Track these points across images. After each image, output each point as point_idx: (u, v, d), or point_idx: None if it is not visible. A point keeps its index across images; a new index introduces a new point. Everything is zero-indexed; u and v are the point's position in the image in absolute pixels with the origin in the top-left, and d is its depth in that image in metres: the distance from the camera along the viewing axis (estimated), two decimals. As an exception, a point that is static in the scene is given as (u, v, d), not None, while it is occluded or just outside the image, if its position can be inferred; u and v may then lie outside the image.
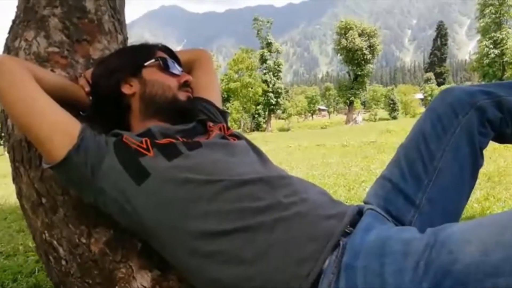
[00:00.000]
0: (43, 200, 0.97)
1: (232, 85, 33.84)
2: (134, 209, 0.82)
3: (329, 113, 73.76)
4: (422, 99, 53.93)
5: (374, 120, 41.83)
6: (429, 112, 0.95)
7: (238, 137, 1.00)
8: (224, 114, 1.19)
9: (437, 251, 0.60)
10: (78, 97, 1.02)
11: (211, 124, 1.02)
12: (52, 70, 1.16)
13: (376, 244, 0.68)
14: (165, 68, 1.02)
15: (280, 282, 0.70)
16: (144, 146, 0.85)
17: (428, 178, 0.88)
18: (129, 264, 0.89)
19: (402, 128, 15.21)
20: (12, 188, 1.14)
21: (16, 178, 1.04)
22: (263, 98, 38.58)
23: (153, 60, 1.02)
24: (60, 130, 0.85)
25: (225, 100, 33.25)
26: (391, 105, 44.56)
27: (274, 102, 40.36)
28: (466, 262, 0.57)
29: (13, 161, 1.04)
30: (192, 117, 1.04)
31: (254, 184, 0.80)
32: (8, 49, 1.25)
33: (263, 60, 40.41)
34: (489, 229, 0.59)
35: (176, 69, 1.05)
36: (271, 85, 39.91)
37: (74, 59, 1.23)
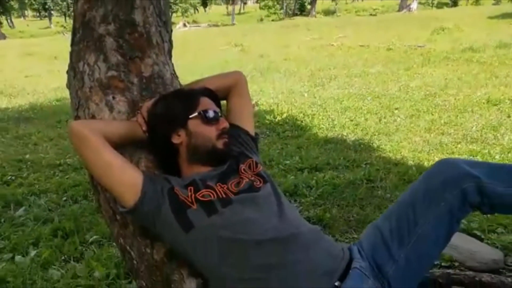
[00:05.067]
0: (117, 217, 1.30)
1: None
2: (184, 250, 1.14)
3: (382, -6, 67.41)
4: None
5: (431, 6, 38.20)
6: (425, 180, 1.15)
7: (263, 178, 1.25)
8: (255, 140, 1.42)
9: None
10: (137, 134, 1.27)
11: (242, 166, 1.26)
12: (113, 97, 1.40)
13: None
14: (206, 121, 1.24)
15: None
16: (190, 200, 1.14)
17: (409, 240, 1.12)
18: (181, 272, 1.25)
19: (457, 26, 14.06)
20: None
21: (95, 193, 1.37)
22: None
23: (196, 114, 1.23)
24: (127, 185, 1.14)
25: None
26: (452, -12, 40.00)
27: (321, -18, 37.15)
28: None
29: (91, 178, 1.36)
30: (229, 156, 1.29)
31: (270, 243, 1.08)
32: (74, 70, 1.46)
33: None
34: None
35: (215, 114, 1.26)
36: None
37: (130, 81, 1.44)
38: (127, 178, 1.16)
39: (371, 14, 31.82)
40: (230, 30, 22.13)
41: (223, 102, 1.48)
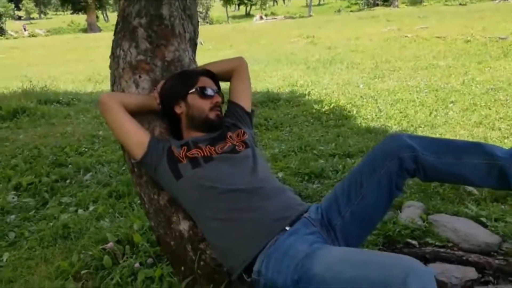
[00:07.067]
0: (135, 170, 1.65)
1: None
2: (177, 196, 1.45)
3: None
4: None
5: (533, -6, 34.25)
6: (373, 150, 1.33)
7: (246, 144, 1.50)
8: (249, 115, 1.67)
9: (309, 262, 1.11)
10: (153, 106, 1.60)
11: (230, 134, 1.53)
12: (139, 76, 1.73)
13: (286, 246, 1.20)
14: (202, 96, 1.52)
15: (237, 252, 1.29)
16: (181, 156, 1.43)
17: (355, 199, 1.30)
18: (178, 215, 1.56)
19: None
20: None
21: (123, 152, 1.73)
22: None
23: (194, 90, 1.53)
24: (138, 144, 1.48)
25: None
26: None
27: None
28: (316, 271, 1.07)
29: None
30: (221, 126, 1.56)
31: (239, 192, 1.34)
32: (113, 55, 1.82)
33: None
34: (340, 265, 1.06)
35: (211, 90, 1.54)
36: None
37: (154, 64, 1.76)
38: (137, 138, 1.49)
39: (460, 4, 29.57)
40: (304, 22, 22.16)
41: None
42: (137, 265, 1.98)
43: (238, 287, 1.38)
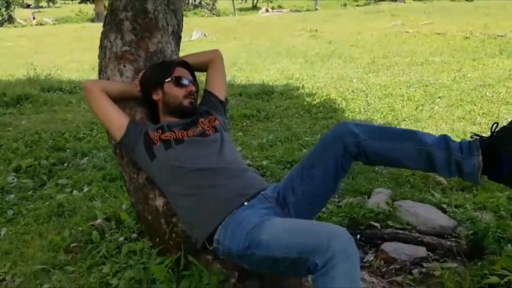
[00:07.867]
0: (118, 151, 1.83)
1: None
2: (150, 174, 1.62)
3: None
4: None
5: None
6: (323, 136, 1.50)
7: (216, 129, 1.67)
8: (223, 103, 1.83)
9: (257, 231, 1.28)
10: (134, 93, 1.76)
11: (202, 119, 1.69)
12: (124, 66, 1.89)
13: (241, 219, 1.38)
14: (177, 84, 1.69)
15: (201, 224, 1.47)
16: (156, 138, 1.60)
17: (307, 179, 1.47)
18: (154, 192, 1.73)
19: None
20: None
21: (108, 135, 1.90)
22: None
23: (169, 79, 1.69)
24: (118, 127, 1.65)
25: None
26: None
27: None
28: (262, 239, 1.25)
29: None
30: (194, 112, 1.73)
31: (205, 171, 1.51)
32: (101, 46, 1.98)
33: None
34: (281, 233, 1.24)
35: (186, 80, 1.71)
36: None
37: (138, 54, 1.92)
38: (118, 122, 1.66)
39: (466, 0, 29.33)
40: (310, 16, 22.11)
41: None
42: (121, 239, 2.17)
43: (203, 254, 1.56)
